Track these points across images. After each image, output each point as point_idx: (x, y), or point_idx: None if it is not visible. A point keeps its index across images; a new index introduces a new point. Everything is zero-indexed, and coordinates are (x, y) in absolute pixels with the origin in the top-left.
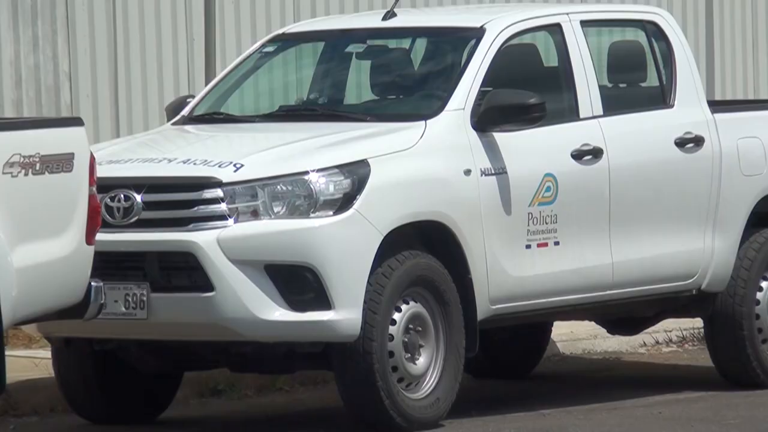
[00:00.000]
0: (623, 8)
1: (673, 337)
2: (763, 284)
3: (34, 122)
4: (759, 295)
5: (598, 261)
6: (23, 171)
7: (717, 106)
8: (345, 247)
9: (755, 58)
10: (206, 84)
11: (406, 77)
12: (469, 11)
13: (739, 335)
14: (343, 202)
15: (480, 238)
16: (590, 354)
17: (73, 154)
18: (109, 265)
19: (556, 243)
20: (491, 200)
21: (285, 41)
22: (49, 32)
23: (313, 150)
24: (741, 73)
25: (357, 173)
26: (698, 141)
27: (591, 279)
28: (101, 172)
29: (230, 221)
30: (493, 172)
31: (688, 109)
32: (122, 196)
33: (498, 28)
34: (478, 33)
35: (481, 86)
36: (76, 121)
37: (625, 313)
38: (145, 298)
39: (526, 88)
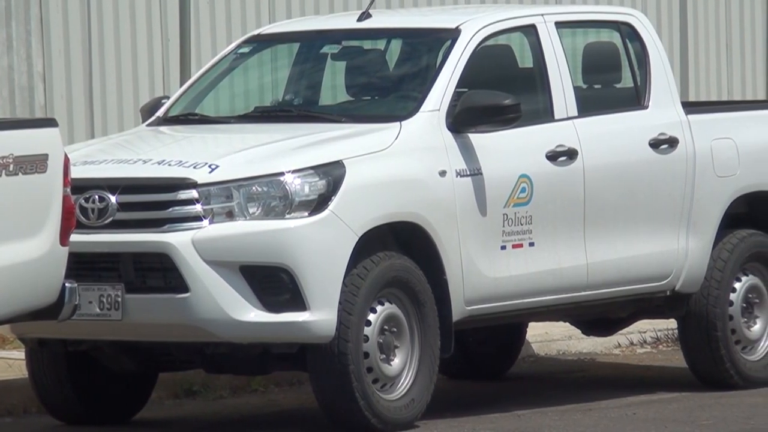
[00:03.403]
0: (598, 9)
1: (647, 338)
2: (736, 285)
3: (8, 123)
4: (732, 296)
5: (573, 262)
6: None
7: (691, 107)
8: (320, 248)
9: (729, 59)
10: (181, 85)
11: (381, 78)
12: (445, 12)
13: (713, 336)
14: (319, 203)
15: (455, 239)
16: (565, 355)
17: (47, 155)
18: (84, 266)
19: (531, 244)
20: (466, 201)
21: (260, 42)
22: (23, 33)
23: (289, 151)
24: (715, 74)
25: (332, 174)
26: (672, 142)
27: (566, 280)
28: (76, 172)
29: (205, 222)
30: (468, 173)
31: (663, 110)
32: (97, 197)
33: (473, 29)
34: (453, 34)
35: (456, 87)
36: (50, 122)
37: (599, 314)
38: (119, 299)
39: (501, 89)
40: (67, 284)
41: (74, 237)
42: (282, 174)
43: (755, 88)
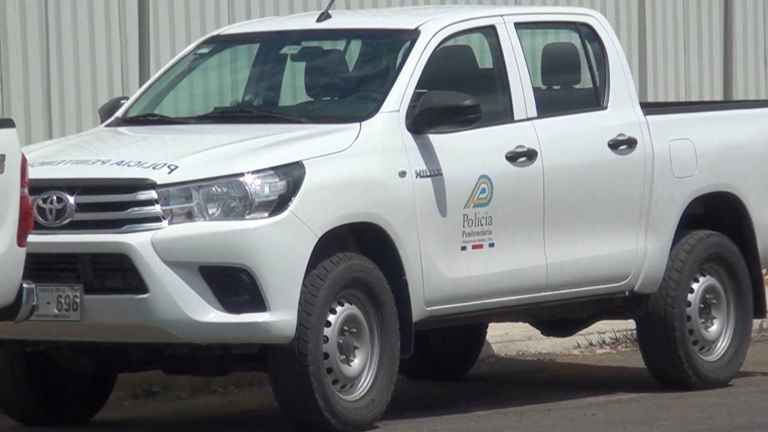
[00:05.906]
0: (557, 10)
1: (606, 338)
2: (694, 286)
3: None
4: (690, 297)
5: (533, 262)
6: None
7: (649, 107)
8: (280, 249)
9: (687, 60)
10: (140, 85)
11: (341, 79)
12: (404, 13)
13: (671, 337)
14: (278, 204)
15: (415, 239)
16: (524, 355)
17: (4, 155)
18: (42, 267)
19: (491, 245)
20: (426, 202)
21: (220, 43)
22: None
23: (248, 152)
24: (673, 74)
25: (292, 175)
26: (631, 143)
27: (525, 280)
28: (33, 173)
29: (164, 223)
30: (428, 173)
31: (621, 111)
32: (55, 197)
33: (433, 30)
34: (413, 35)
35: (416, 88)
36: (7, 123)
37: (559, 314)
38: (78, 300)
39: (461, 90)
40: (24, 285)
41: (32, 238)
42: (242, 175)
43: (712, 89)
